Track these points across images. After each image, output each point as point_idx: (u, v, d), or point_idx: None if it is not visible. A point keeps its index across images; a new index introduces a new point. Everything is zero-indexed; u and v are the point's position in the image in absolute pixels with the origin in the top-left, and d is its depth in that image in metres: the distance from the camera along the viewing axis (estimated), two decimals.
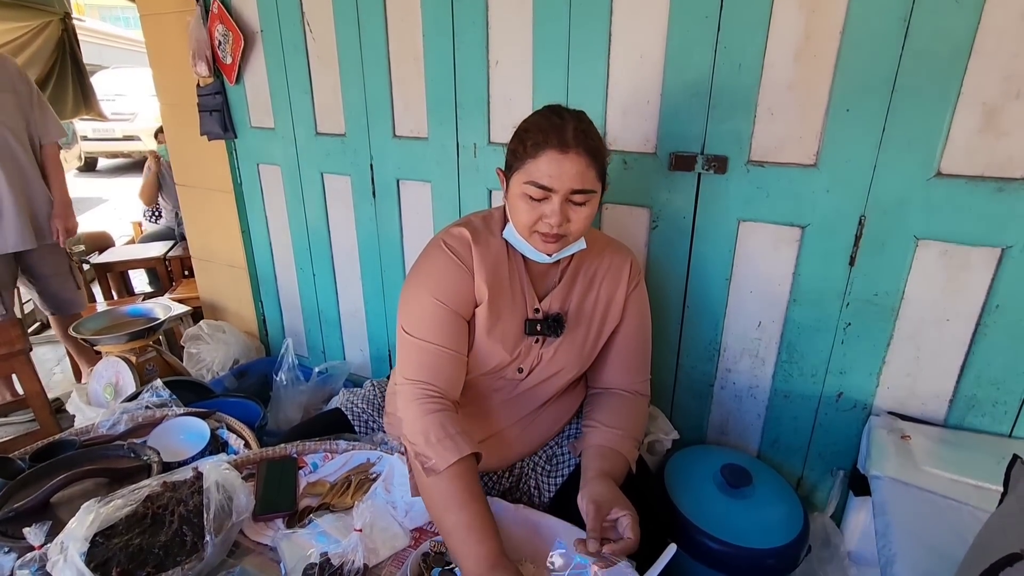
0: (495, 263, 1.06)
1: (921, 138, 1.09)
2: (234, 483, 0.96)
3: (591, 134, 0.96)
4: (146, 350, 1.84)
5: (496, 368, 1.10)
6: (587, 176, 0.94)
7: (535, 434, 1.18)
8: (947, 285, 1.15)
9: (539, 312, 1.08)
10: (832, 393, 1.32)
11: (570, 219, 0.97)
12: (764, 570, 1.16)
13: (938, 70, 1.05)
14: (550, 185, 0.94)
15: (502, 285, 1.06)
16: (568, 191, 0.94)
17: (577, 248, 1.05)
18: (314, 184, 1.96)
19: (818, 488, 1.42)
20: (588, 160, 0.94)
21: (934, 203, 1.11)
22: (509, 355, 1.08)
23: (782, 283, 1.31)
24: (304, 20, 1.76)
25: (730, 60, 1.21)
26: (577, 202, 0.96)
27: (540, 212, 0.97)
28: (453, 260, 1.04)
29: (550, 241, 0.98)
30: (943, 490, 1.02)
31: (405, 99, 1.67)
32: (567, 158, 0.93)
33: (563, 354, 1.11)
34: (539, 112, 1.01)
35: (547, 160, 0.93)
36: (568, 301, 1.11)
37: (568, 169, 0.93)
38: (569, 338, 1.10)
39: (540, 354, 1.10)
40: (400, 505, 1.05)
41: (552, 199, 0.95)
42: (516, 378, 1.12)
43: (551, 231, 0.97)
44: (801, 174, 1.21)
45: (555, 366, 1.11)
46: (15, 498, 1.06)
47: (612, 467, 1.02)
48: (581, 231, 0.99)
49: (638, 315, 1.16)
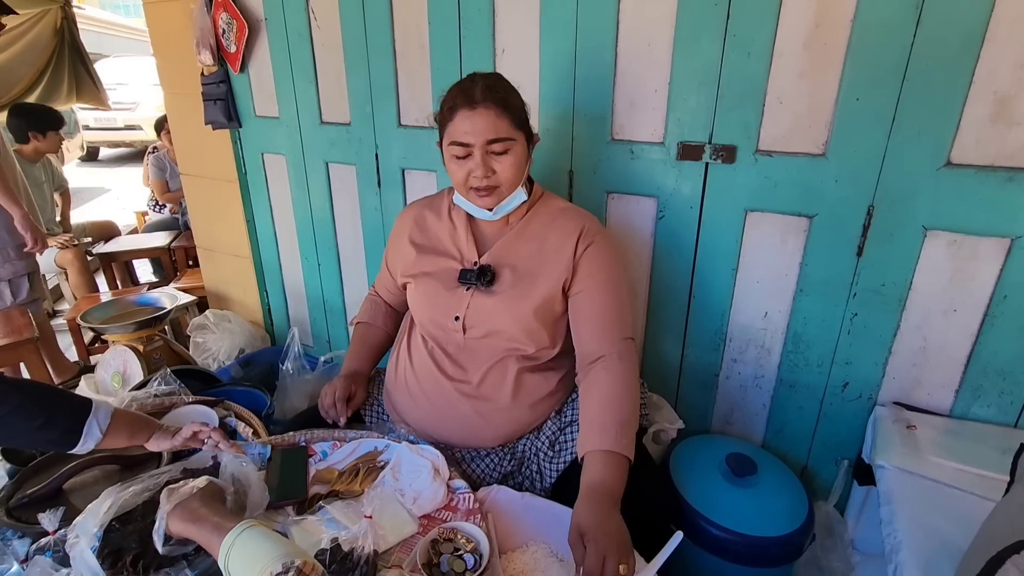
0: (432, 224, 1.25)
1: (931, 127, 1.09)
2: (250, 477, 0.97)
3: (499, 88, 1.07)
4: (153, 339, 1.85)
5: (437, 314, 1.18)
6: (500, 125, 1.04)
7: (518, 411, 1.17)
8: (955, 275, 1.15)
9: (476, 265, 1.16)
10: (838, 383, 1.33)
11: (495, 170, 1.07)
12: (769, 558, 1.17)
13: (950, 59, 1.04)
14: (467, 140, 1.05)
15: (433, 240, 1.24)
16: (484, 143, 1.04)
17: (518, 200, 1.13)
18: (319, 173, 1.96)
19: (822, 477, 1.43)
20: (498, 110, 1.04)
21: (943, 193, 1.11)
22: (444, 298, 1.17)
23: (789, 273, 1.31)
24: (309, 8, 1.75)
25: (739, 48, 1.20)
26: (497, 151, 1.06)
27: (468, 168, 1.08)
28: (395, 228, 1.32)
29: (484, 195, 1.09)
30: (949, 479, 1.03)
31: (411, 88, 1.67)
32: (476, 113, 1.03)
33: (498, 309, 1.13)
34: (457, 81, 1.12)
35: (460, 118, 1.05)
36: (508, 258, 1.16)
37: (479, 123, 1.04)
38: (505, 295, 1.13)
39: (471, 303, 1.15)
40: (408, 493, 1.05)
41: (474, 154, 1.06)
42: (455, 327, 1.16)
43: (480, 184, 1.07)
44: (810, 164, 1.21)
45: (491, 321, 1.14)
46: (28, 484, 1.07)
47: (605, 477, 0.98)
48: (511, 179, 1.08)
49: (596, 274, 1.13)
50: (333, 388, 1.25)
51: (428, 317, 1.20)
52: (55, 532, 0.90)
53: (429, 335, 1.22)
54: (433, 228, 1.26)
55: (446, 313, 1.17)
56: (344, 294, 2.12)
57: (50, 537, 0.89)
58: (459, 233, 1.21)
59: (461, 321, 1.15)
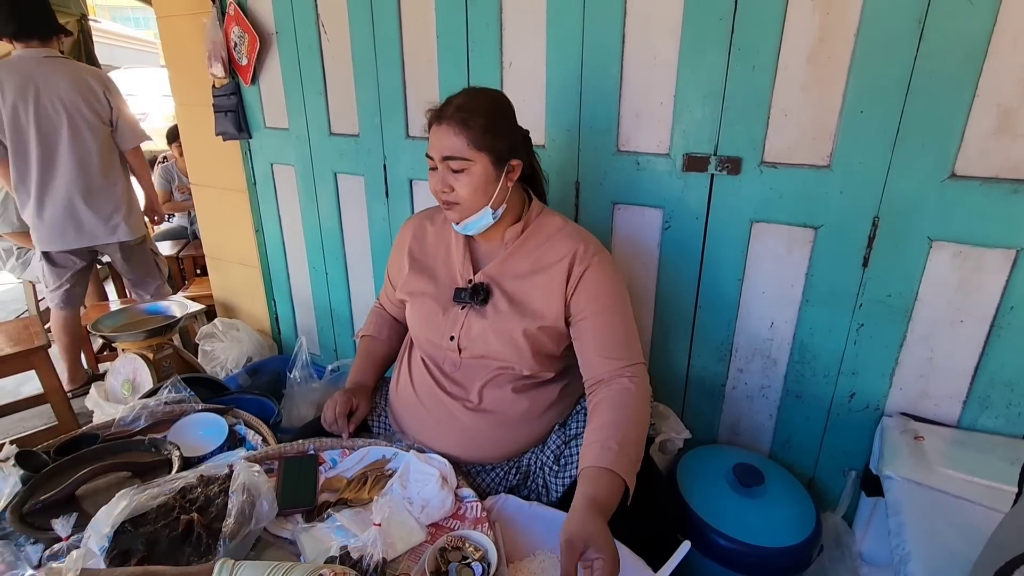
0: (431, 238, 1.27)
1: (935, 139, 1.10)
2: (260, 487, 0.97)
3: (467, 107, 1.07)
4: (163, 347, 1.86)
5: (433, 333, 1.19)
6: (456, 144, 1.06)
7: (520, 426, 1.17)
8: (961, 286, 1.15)
9: (471, 283, 1.17)
10: (844, 394, 1.33)
11: (452, 187, 1.09)
12: (776, 569, 1.16)
13: (953, 71, 1.05)
14: (430, 153, 1.10)
15: (430, 256, 1.25)
16: (441, 159, 1.08)
17: (484, 220, 1.13)
18: (327, 184, 1.98)
19: (829, 488, 1.42)
20: (456, 129, 1.06)
21: (948, 204, 1.12)
22: (439, 317, 1.17)
23: (795, 284, 1.31)
24: (319, 21, 1.78)
25: (744, 61, 1.21)
26: (454, 169, 1.08)
27: (434, 181, 1.12)
28: (397, 238, 1.33)
29: (447, 208, 1.13)
30: (957, 490, 1.03)
31: (419, 99, 1.69)
32: (440, 129, 1.08)
33: (490, 330, 1.12)
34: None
35: (432, 132, 1.10)
36: (501, 277, 1.16)
37: (440, 139, 1.08)
38: (498, 316, 1.13)
39: (465, 323, 1.15)
40: (416, 501, 1.06)
41: (438, 167, 1.10)
42: (451, 347, 1.16)
43: (441, 197, 1.12)
44: (815, 175, 1.22)
45: (485, 343, 1.13)
46: (41, 490, 1.08)
47: (597, 491, 0.95)
48: (467, 198, 1.09)
49: (598, 298, 1.11)
50: (334, 403, 1.25)
51: (424, 337, 1.21)
52: (68, 538, 0.91)
53: (426, 354, 1.23)
54: (431, 242, 1.26)
55: (441, 333, 1.17)
56: (351, 303, 2.14)
57: (63, 543, 0.90)
58: (456, 248, 1.22)
59: (456, 341, 1.15)
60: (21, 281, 3.30)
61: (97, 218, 2.34)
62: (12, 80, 2.11)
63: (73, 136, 2.23)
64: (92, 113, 2.27)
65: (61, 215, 2.27)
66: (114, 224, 2.38)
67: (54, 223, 2.28)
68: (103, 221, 2.36)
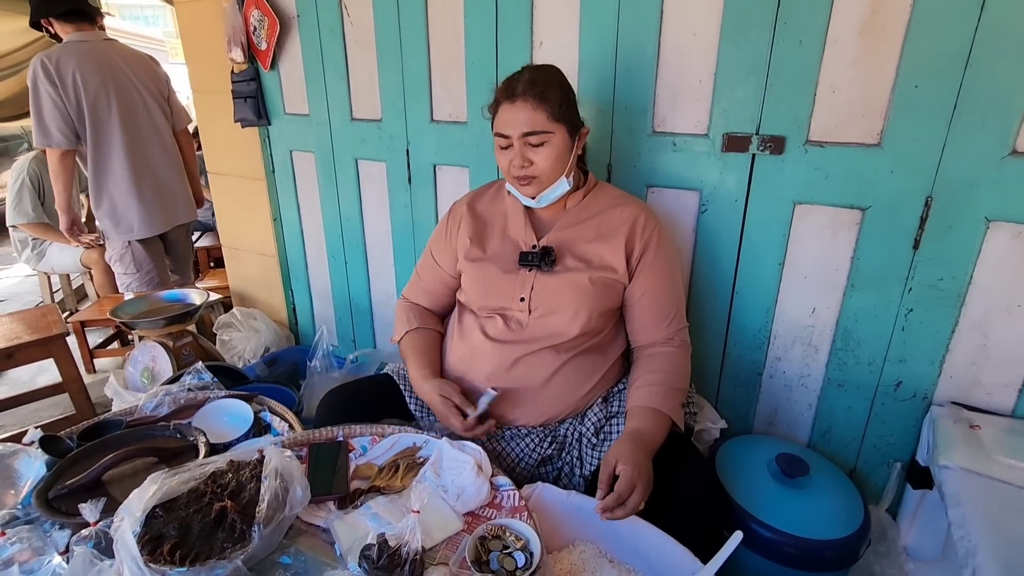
0: (488, 212, 1.29)
1: (996, 115, 1.04)
2: (293, 472, 0.94)
3: (540, 81, 1.09)
4: (183, 335, 1.84)
5: (499, 298, 1.20)
6: (535, 119, 1.08)
7: (562, 388, 1.18)
8: (1020, 269, 1.10)
9: (536, 247, 1.19)
10: (890, 382, 1.28)
11: (532, 161, 1.12)
12: (824, 562, 1.12)
13: (1016, 43, 1.00)
14: (506, 132, 1.11)
15: (489, 228, 1.27)
16: (520, 135, 1.10)
17: (560, 190, 1.17)
18: (348, 171, 1.95)
19: (871, 480, 1.37)
20: (534, 104, 1.08)
21: (1008, 183, 1.06)
22: (507, 281, 1.19)
23: (839, 268, 1.26)
24: (342, 3, 1.75)
25: (790, 36, 1.17)
26: (533, 143, 1.10)
27: (509, 158, 1.13)
28: (443, 223, 1.35)
29: (524, 183, 1.14)
30: (1019, 480, 0.98)
31: (444, 82, 1.65)
32: (515, 106, 1.09)
33: (560, 286, 1.16)
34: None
35: (503, 112, 1.12)
36: (567, 240, 1.19)
37: (517, 116, 1.09)
38: (567, 273, 1.17)
39: (535, 284, 1.17)
40: (451, 489, 1.02)
41: (514, 145, 1.11)
42: (520, 308, 1.18)
43: (519, 173, 1.13)
44: (864, 154, 1.17)
45: (556, 299, 1.16)
46: (66, 475, 1.05)
47: (642, 424, 1.06)
48: (547, 170, 1.12)
49: (658, 270, 1.18)
50: (447, 406, 1.14)
51: (489, 303, 1.21)
52: (96, 523, 0.88)
53: (487, 321, 1.22)
54: (486, 217, 1.29)
55: (510, 296, 1.19)
56: (371, 293, 2.10)
57: (92, 528, 0.87)
58: (515, 219, 1.25)
59: (527, 302, 1.17)
60: (36, 272, 3.29)
61: (185, 196, 2.43)
62: (90, 68, 2.07)
63: (151, 117, 2.26)
64: (159, 92, 2.31)
65: (160, 196, 2.31)
66: (191, 202, 2.48)
67: (154, 205, 2.29)
68: (187, 200, 2.45)
